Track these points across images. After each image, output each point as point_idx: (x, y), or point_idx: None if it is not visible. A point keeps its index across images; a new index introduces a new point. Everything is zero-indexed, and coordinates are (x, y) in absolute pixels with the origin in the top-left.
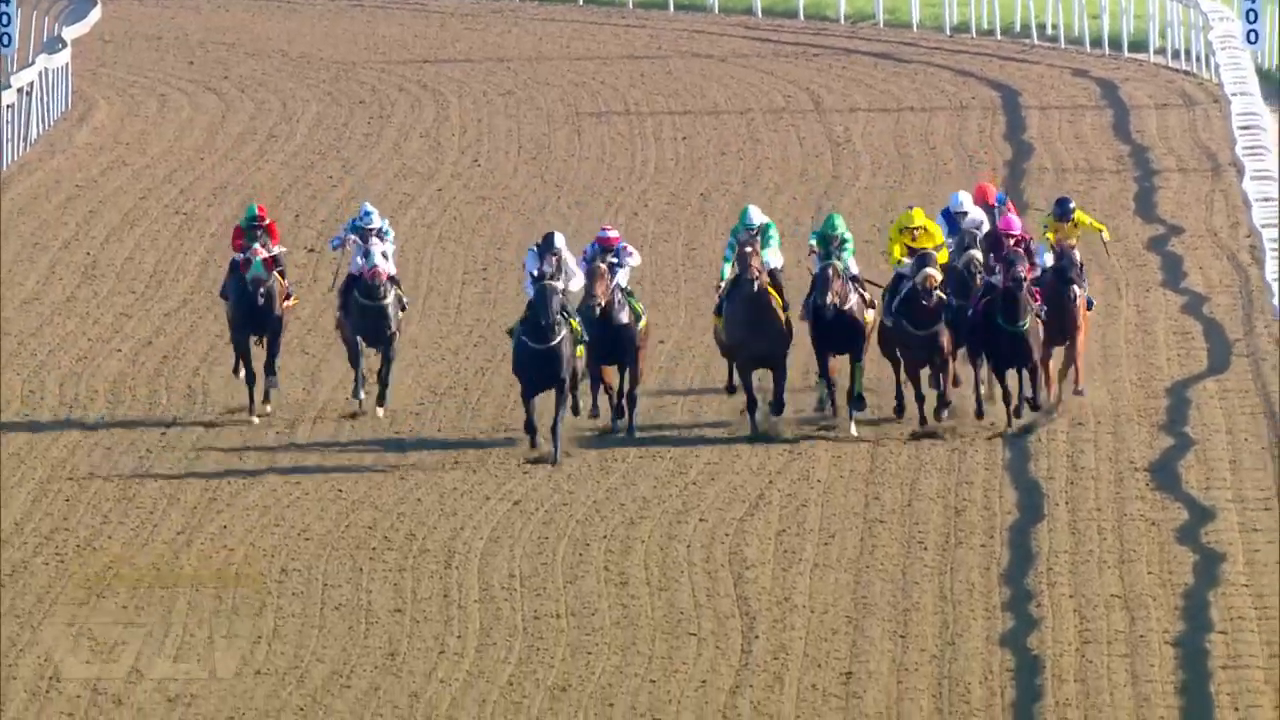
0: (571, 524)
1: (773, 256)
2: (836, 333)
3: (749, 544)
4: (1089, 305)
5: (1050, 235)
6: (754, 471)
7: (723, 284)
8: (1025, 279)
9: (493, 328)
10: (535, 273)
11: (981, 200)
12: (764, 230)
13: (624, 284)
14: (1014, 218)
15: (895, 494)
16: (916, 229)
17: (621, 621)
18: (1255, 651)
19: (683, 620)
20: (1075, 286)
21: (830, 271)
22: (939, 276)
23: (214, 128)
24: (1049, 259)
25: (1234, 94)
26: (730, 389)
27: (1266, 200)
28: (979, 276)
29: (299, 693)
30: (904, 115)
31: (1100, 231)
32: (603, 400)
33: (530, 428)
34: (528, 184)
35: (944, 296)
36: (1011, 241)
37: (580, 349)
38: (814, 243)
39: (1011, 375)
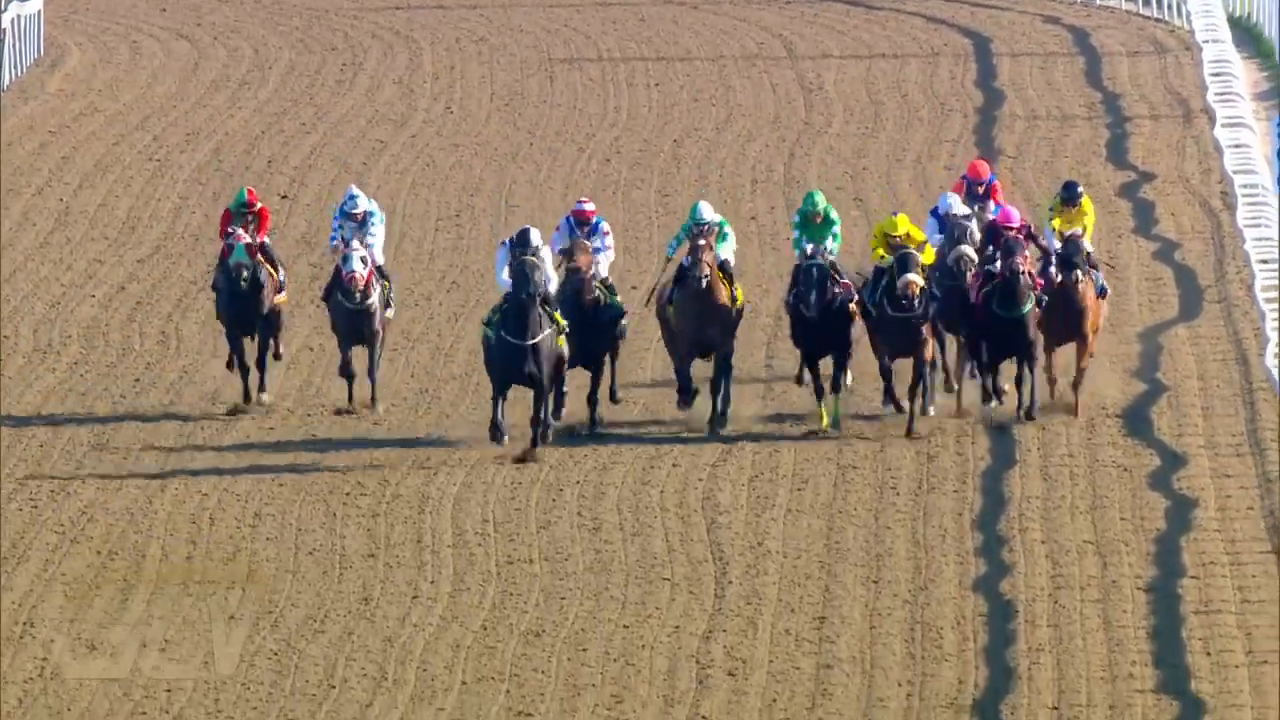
0: (544, 470)
1: (726, 250)
2: (820, 335)
3: (722, 489)
4: (1101, 294)
5: (1057, 222)
6: (727, 418)
7: (660, 285)
8: (1023, 270)
9: (465, 273)
10: (511, 264)
11: (975, 176)
12: (716, 228)
13: (604, 274)
14: (1012, 210)
15: (868, 440)
16: (898, 236)
17: (594, 567)
18: (1227, 596)
19: (656, 565)
20: (1079, 270)
21: (815, 272)
22: (920, 283)
23: (186, 74)
24: (1057, 244)
25: (1205, 41)
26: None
27: (1238, 146)
28: (969, 274)
29: (273, 637)
30: (876, 62)
31: (1087, 230)
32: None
33: (496, 427)
34: (500, 130)
35: (925, 290)
36: (1011, 233)
37: (561, 339)
38: (796, 222)
39: (1013, 385)
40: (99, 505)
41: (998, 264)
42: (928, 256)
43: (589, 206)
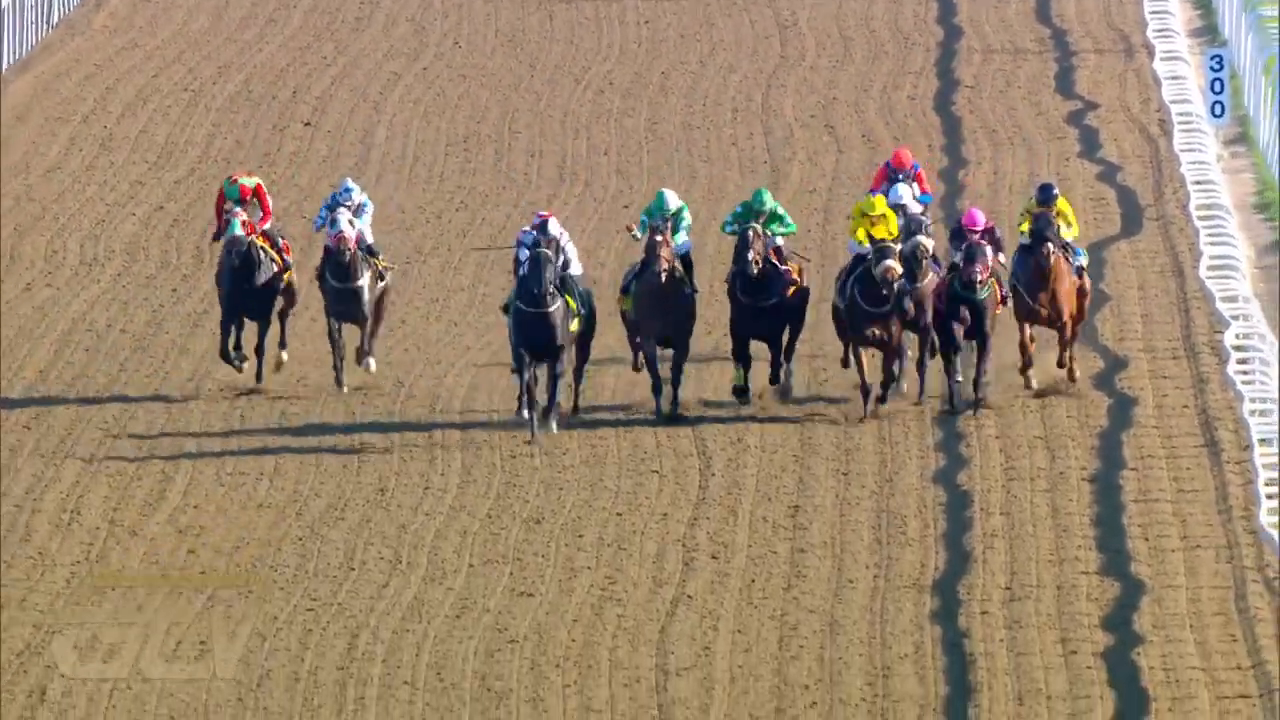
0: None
1: (683, 238)
2: (758, 319)
3: (706, 392)
4: (1079, 273)
5: (1025, 225)
6: (709, 326)
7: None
8: (981, 279)
9: (472, 194)
10: (529, 246)
11: (898, 165)
12: (677, 215)
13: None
14: (978, 212)
15: (836, 345)
16: (876, 216)
17: (589, 460)
18: (1164, 487)
19: (645, 459)
20: (1049, 243)
21: (751, 234)
22: (899, 269)
23: (218, 12)
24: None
25: None
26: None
27: (1175, 79)
28: (925, 261)
29: (298, 524)
30: (846, 1)
31: (1071, 226)
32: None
33: (527, 400)
34: (504, 64)
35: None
36: (975, 236)
37: (576, 323)
38: (737, 213)
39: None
40: (141, 405)
41: (958, 257)
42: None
43: (545, 211)
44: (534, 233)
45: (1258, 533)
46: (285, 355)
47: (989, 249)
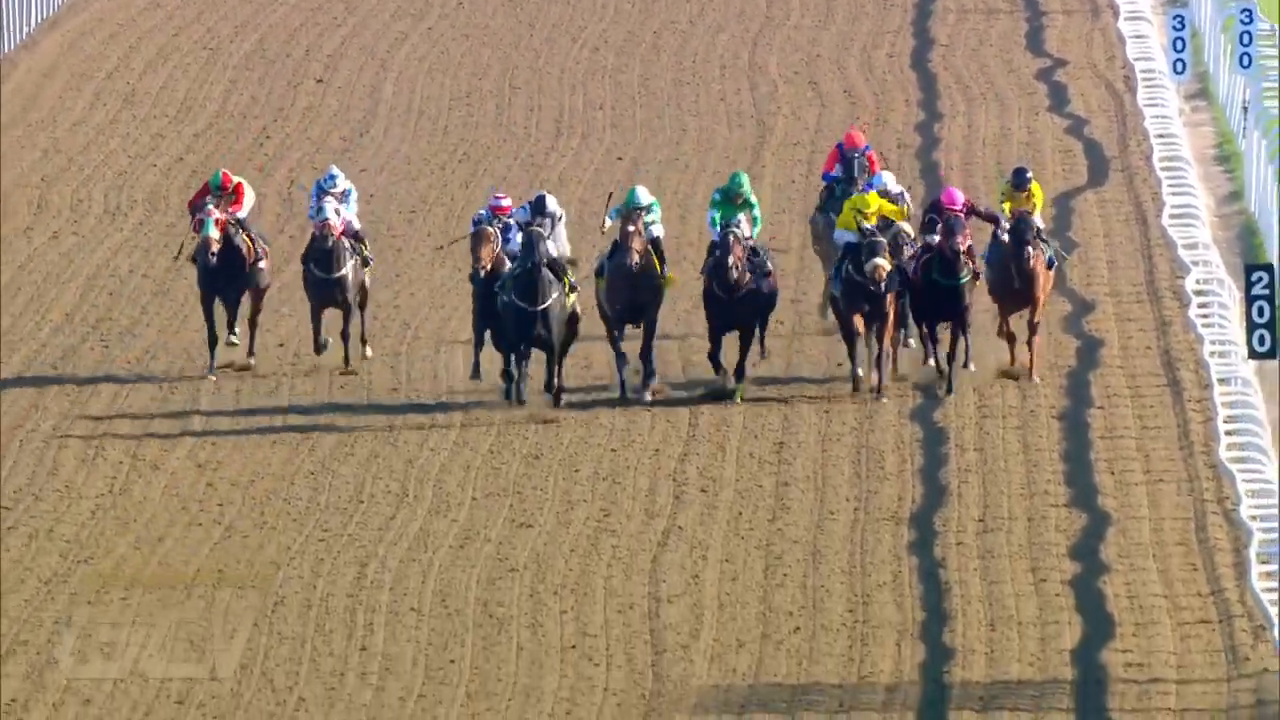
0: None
1: (655, 229)
2: (733, 312)
3: (698, 332)
4: (1050, 265)
5: (1007, 205)
6: (695, 265)
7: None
8: (962, 249)
9: (475, 146)
10: (520, 225)
11: (851, 145)
12: (648, 211)
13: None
14: (956, 191)
15: (818, 288)
16: (869, 211)
17: (585, 400)
18: (1129, 424)
19: (638, 397)
20: (1030, 247)
21: (731, 239)
22: (887, 267)
23: None
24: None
25: None
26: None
27: (1138, 38)
28: (906, 247)
29: (310, 459)
30: None
31: (1038, 209)
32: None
33: (508, 378)
34: (505, 23)
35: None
36: (953, 212)
37: (572, 297)
38: (716, 200)
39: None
40: (160, 346)
41: (936, 237)
42: (901, 215)
43: (505, 202)
44: (489, 212)
45: (1217, 467)
46: (253, 361)
47: (965, 222)
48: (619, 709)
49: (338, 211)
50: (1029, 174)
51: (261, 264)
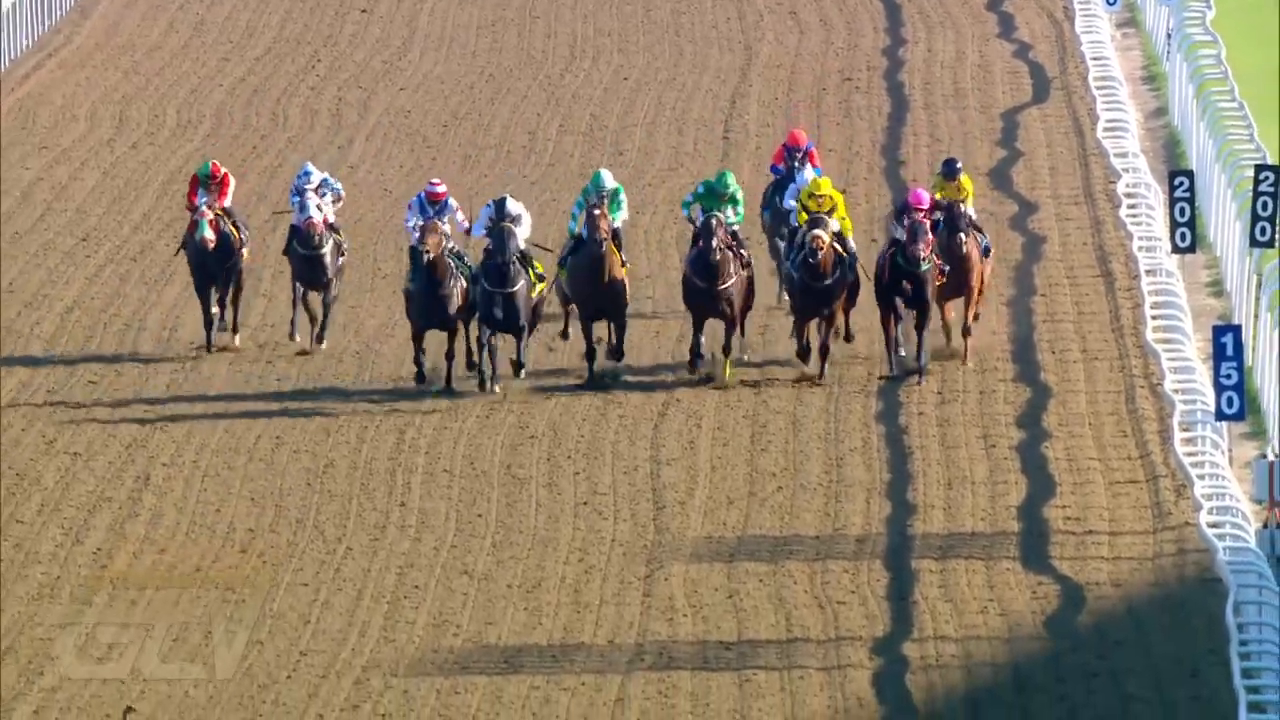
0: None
1: (619, 218)
2: (710, 302)
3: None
4: (986, 253)
5: (937, 195)
6: (688, 171)
7: (571, 240)
8: (924, 256)
9: (499, 69)
10: (489, 222)
11: (794, 144)
12: (614, 195)
13: (521, 247)
14: (923, 191)
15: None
16: (822, 196)
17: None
18: (1068, 309)
19: (642, 284)
20: (961, 234)
21: (714, 221)
22: (826, 237)
23: None
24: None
25: None
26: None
27: None
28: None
29: (356, 340)
30: None
31: (968, 199)
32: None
33: (479, 369)
34: None
35: (841, 252)
36: (919, 215)
37: (541, 286)
38: (699, 192)
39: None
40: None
41: (901, 233)
42: (848, 226)
43: (440, 189)
44: (424, 196)
45: (1144, 347)
46: (238, 341)
47: (928, 225)
48: (624, 557)
49: (319, 208)
50: (959, 164)
51: (244, 250)
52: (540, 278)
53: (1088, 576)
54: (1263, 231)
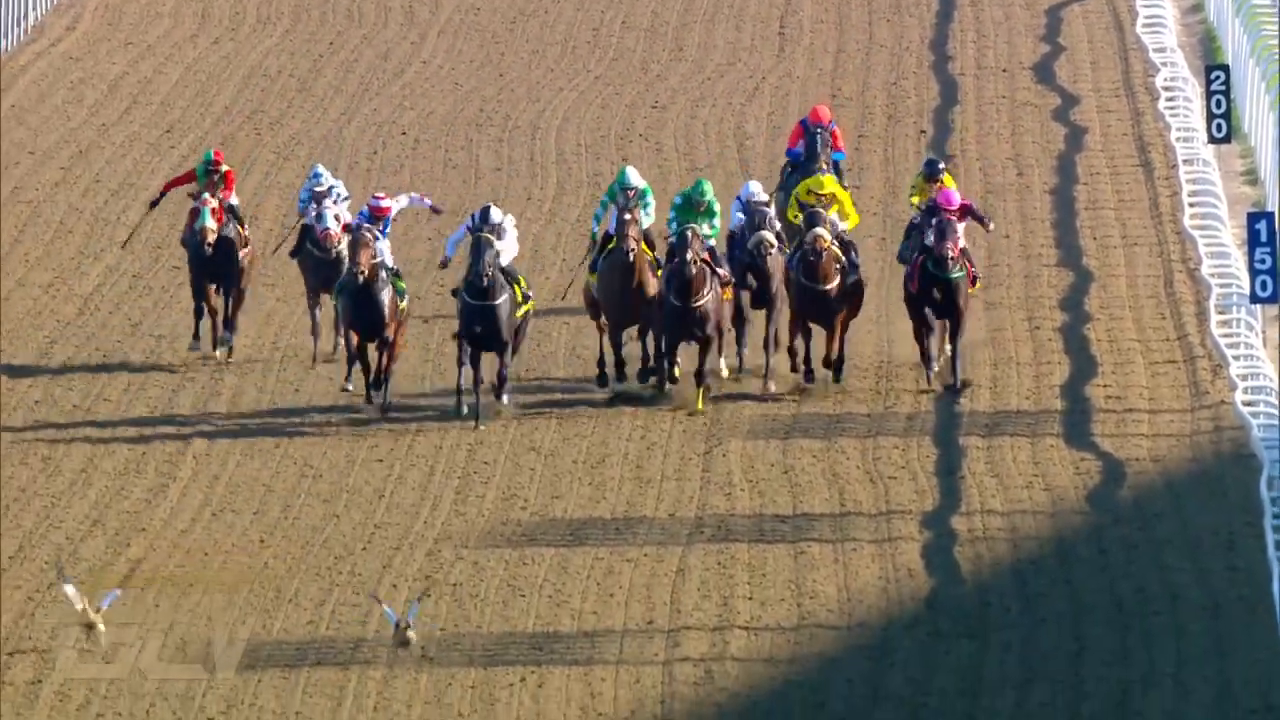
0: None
1: (647, 219)
2: (688, 323)
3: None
4: (973, 281)
5: (916, 198)
6: (704, 140)
7: (595, 243)
8: (953, 254)
9: (516, 40)
10: (470, 231)
11: (816, 121)
12: (641, 195)
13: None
14: (953, 192)
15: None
16: (824, 195)
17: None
18: (1108, 197)
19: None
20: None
21: (689, 234)
22: (828, 237)
23: None
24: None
25: None
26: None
27: None
28: (768, 259)
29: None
30: None
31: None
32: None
33: (460, 389)
34: None
35: (840, 257)
36: (948, 214)
37: (530, 305)
38: (677, 204)
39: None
40: (305, 132)
41: (930, 237)
42: (854, 221)
43: (385, 204)
44: (368, 212)
45: (1182, 233)
46: (220, 354)
47: (960, 226)
48: (684, 434)
49: (336, 218)
50: (941, 165)
51: (244, 251)
52: (527, 297)
53: (1128, 453)
54: None
